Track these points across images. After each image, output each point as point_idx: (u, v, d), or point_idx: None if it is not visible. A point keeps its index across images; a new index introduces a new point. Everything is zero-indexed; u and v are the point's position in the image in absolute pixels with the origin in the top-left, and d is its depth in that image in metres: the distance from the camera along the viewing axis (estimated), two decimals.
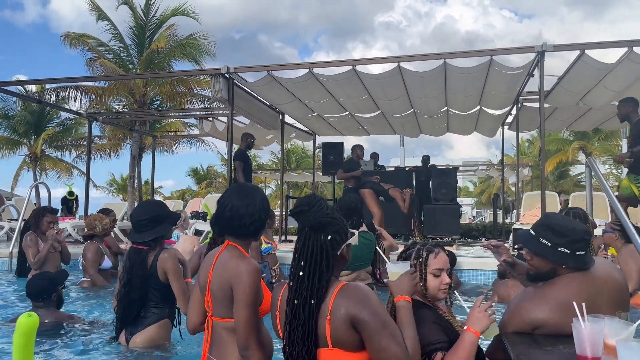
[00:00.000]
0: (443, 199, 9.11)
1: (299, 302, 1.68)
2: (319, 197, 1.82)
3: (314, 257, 1.70)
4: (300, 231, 1.78)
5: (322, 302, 1.66)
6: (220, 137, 12.10)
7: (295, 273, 1.72)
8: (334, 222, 1.76)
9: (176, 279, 2.85)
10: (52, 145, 23.31)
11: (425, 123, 10.59)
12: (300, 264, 1.72)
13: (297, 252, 1.76)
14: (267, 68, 7.53)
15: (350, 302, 1.63)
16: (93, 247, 5.27)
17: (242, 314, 1.82)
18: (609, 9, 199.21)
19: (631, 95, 7.84)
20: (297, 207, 1.77)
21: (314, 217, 1.73)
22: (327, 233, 1.73)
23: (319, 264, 1.70)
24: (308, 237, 1.73)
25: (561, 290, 1.90)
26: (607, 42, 6.55)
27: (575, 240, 1.94)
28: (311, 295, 1.67)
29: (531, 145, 29.48)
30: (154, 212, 2.93)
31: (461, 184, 41.67)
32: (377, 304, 1.67)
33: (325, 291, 1.68)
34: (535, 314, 1.88)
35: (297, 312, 1.67)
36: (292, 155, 33.98)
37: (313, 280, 1.68)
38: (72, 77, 12.17)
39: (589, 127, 11.13)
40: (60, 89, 15.91)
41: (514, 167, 13.92)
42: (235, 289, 1.84)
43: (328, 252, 1.71)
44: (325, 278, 1.69)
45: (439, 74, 7.31)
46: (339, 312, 1.63)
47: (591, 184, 5.45)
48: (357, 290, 1.67)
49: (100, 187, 36.19)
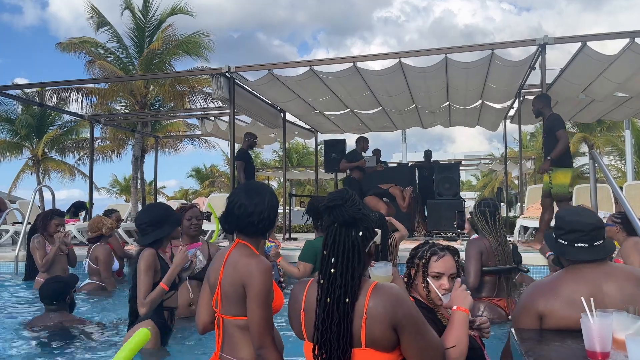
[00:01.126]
0: (446, 194, 9.10)
1: (331, 301, 1.63)
2: (351, 191, 1.78)
3: (345, 254, 1.66)
4: (328, 227, 1.73)
5: (357, 301, 1.63)
6: (223, 136, 12.11)
7: (326, 271, 1.68)
8: (365, 218, 1.73)
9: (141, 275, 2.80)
10: (54, 148, 23.37)
11: (427, 118, 10.58)
12: (331, 261, 1.67)
13: (327, 248, 1.71)
14: (267, 67, 7.52)
15: (388, 302, 1.60)
16: (104, 249, 5.24)
17: (256, 313, 1.83)
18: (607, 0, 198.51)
19: (632, 86, 7.86)
20: (331, 202, 1.72)
21: (347, 212, 1.69)
22: (358, 229, 1.70)
23: (352, 261, 1.66)
24: (339, 233, 1.69)
25: (568, 282, 1.92)
26: (608, 33, 6.53)
27: (571, 231, 1.95)
28: (345, 293, 1.62)
29: (533, 138, 29.38)
30: (153, 215, 2.99)
31: (464, 178, 41.68)
32: (412, 304, 1.67)
33: (358, 289, 1.64)
34: (541, 304, 1.90)
35: (331, 311, 1.62)
36: (293, 153, 33.98)
37: (346, 278, 1.64)
38: (73, 80, 12.20)
39: (592, 118, 11.09)
40: (61, 90, 15.95)
41: (517, 160, 13.90)
42: (249, 288, 1.85)
43: (360, 249, 1.68)
44: (358, 275, 1.66)
45: (440, 69, 7.30)
46: (376, 311, 1.60)
47: (595, 176, 5.43)
48: (394, 290, 1.65)
49: (103, 189, 36.32)
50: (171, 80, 15.70)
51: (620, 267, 1.96)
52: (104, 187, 36.58)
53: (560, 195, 5.95)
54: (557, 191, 5.95)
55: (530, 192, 9.85)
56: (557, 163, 5.98)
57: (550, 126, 6.02)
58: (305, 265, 4.40)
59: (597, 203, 5.47)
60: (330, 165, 10.57)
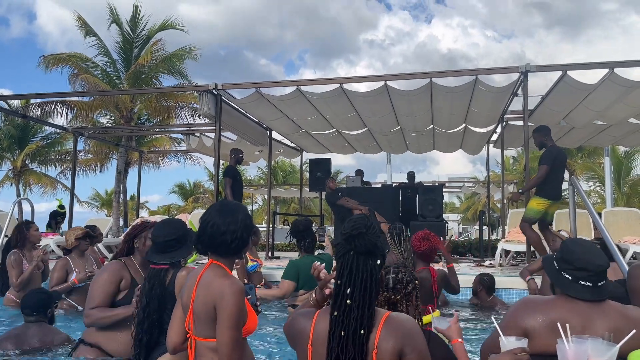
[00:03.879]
0: (429, 216, 9.18)
1: (346, 334, 1.56)
2: (368, 217, 1.75)
3: (363, 284, 1.60)
4: (343, 256, 1.66)
5: (371, 333, 1.57)
6: (208, 153, 12.08)
7: (341, 302, 1.60)
8: (382, 246, 1.69)
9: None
10: (36, 160, 23.06)
11: (411, 140, 10.70)
12: (346, 292, 1.60)
13: (342, 278, 1.63)
14: (255, 85, 7.57)
15: (399, 335, 1.57)
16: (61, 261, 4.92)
17: (226, 334, 1.80)
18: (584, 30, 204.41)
19: (611, 114, 8.05)
20: (355, 229, 1.65)
21: (370, 240, 1.64)
22: (376, 257, 1.65)
23: (369, 290, 1.60)
24: (356, 261, 1.63)
25: (560, 310, 1.90)
26: (588, 63, 6.71)
27: (578, 269, 1.92)
28: (361, 325, 1.56)
29: (516, 162, 29.84)
30: (180, 232, 2.77)
31: (447, 200, 41.94)
32: (422, 337, 1.63)
33: (372, 320, 1.59)
34: (529, 322, 1.89)
35: (345, 345, 1.55)
36: (279, 171, 33.98)
37: (363, 309, 1.57)
38: (58, 93, 12.08)
39: (572, 145, 11.32)
40: (45, 103, 15.80)
41: (500, 183, 14.09)
42: (219, 309, 1.82)
43: (377, 278, 1.64)
44: (374, 306, 1.61)
45: (425, 92, 7.41)
46: (387, 345, 1.56)
47: (575, 202, 5.53)
48: (406, 323, 1.62)
49: (84, 202, 35.80)
50: (157, 95, 15.66)
51: (615, 305, 1.93)
52: (85, 200, 36.08)
53: (526, 218, 6.14)
54: (526, 213, 6.17)
55: (512, 215, 9.95)
56: (540, 193, 6.14)
57: (541, 158, 6.19)
58: (288, 283, 4.38)
59: (576, 229, 5.56)
60: (315, 184, 10.60)
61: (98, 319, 2.65)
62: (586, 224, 8.12)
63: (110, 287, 2.74)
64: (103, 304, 2.70)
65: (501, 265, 7.52)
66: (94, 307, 2.71)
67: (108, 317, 2.65)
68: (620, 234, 7.59)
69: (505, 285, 5.47)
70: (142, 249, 3.02)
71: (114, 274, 2.77)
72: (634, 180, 23.65)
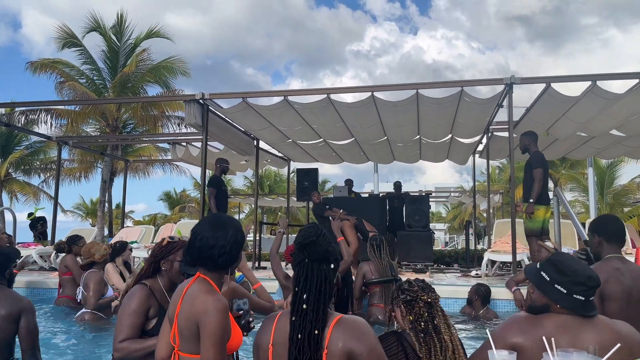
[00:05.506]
0: (416, 226, 9.20)
1: (302, 337, 1.64)
2: (319, 225, 1.81)
3: (318, 288, 1.68)
4: (299, 264, 1.74)
5: (323, 333, 1.64)
6: (194, 162, 12.02)
7: (298, 307, 1.68)
8: (334, 251, 1.76)
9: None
10: (20, 169, 22.74)
11: (398, 150, 10.76)
12: (303, 298, 1.69)
13: (299, 285, 1.71)
14: (242, 95, 7.57)
15: (348, 336, 1.62)
16: (95, 275, 4.92)
17: (210, 351, 1.76)
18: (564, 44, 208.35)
19: (594, 126, 8.18)
20: (307, 238, 1.74)
21: (321, 247, 1.72)
22: (329, 262, 1.72)
23: (324, 294, 1.68)
24: (311, 268, 1.71)
25: (548, 326, 1.89)
26: (571, 76, 6.82)
27: (576, 282, 1.91)
28: (315, 326, 1.64)
29: (502, 172, 30.15)
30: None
31: (434, 209, 42.19)
32: (374, 339, 1.67)
33: (325, 321, 1.66)
34: (517, 339, 1.89)
35: (302, 347, 1.63)
36: (265, 180, 33.90)
37: (318, 312, 1.66)
38: (44, 101, 11.94)
39: (555, 156, 11.46)
40: (29, 112, 15.60)
41: (485, 193, 14.20)
42: (202, 326, 1.78)
43: (331, 281, 1.71)
44: (327, 307, 1.68)
45: (411, 103, 7.47)
46: (336, 346, 1.61)
47: (559, 213, 5.60)
48: (355, 324, 1.66)
49: (69, 212, 35.34)
50: (144, 104, 15.57)
51: (604, 320, 1.93)
52: (69, 209, 35.62)
53: (533, 230, 6.05)
54: (532, 226, 6.07)
55: (497, 225, 10.05)
56: (537, 200, 6.09)
57: (530, 163, 6.23)
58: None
59: (560, 239, 5.63)
60: (302, 193, 10.59)
61: (130, 352, 2.49)
62: (570, 234, 8.21)
63: (139, 319, 2.58)
64: (133, 336, 2.53)
65: (487, 275, 7.57)
66: (124, 339, 2.53)
67: (140, 349, 2.49)
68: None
69: (491, 296, 5.50)
70: (171, 272, 2.73)
71: (142, 304, 2.59)
72: (617, 191, 23.99)
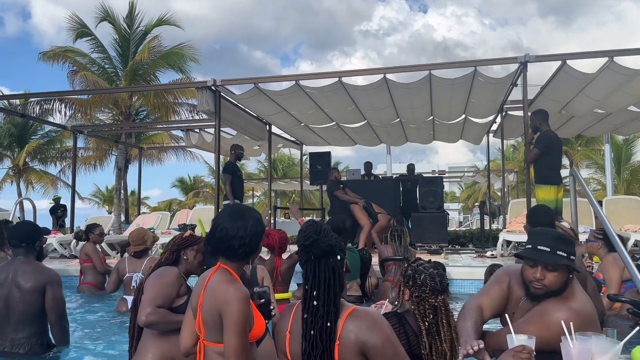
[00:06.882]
0: (430, 207, 9.16)
1: (315, 332, 1.65)
2: (318, 221, 1.82)
3: (327, 282, 1.70)
4: (306, 262, 1.76)
5: (336, 325, 1.66)
6: (208, 148, 12.07)
7: (309, 304, 1.71)
8: (338, 242, 1.77)
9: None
10: (36, 158, 23.05)
11: (411, 132, 10.68)
12: (313, 294, 1.71)
13: (309, 282, 1.73)
14: (253, 80, 7.54)
15: (361, 327, 1.63)
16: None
17: (232, 342, 1.79)
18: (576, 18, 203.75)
19: (611, 103, 8.03)
20: (307, 239, 1.74)
21: (324, 243, 1.73)
22: (336, 254, 1.74)
23: (333, 287, 1.70)
24: (318, 265, 1.73)
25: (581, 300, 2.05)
26: (588, 52, 6.67)
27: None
28: (328, 319, 1.66)
29: (516, 151, 29.79)
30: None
31: (448, 189, 41.99)
32: (389, 330, 1.67)
33: (337, 313, 1.68)
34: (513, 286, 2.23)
35: (315, 342, 1.65)
36: (278, 164, 33.95)
37: (329, 306, 1.67)
38: (57, 92, 12.05)
39: (571, 134, 11.30)
40: (44, 101, 15.76)
41: (500, 172, 14.08)
42: (224, 316, 1.81)
43: (340, 272, 1.72)
44: (339, 299, 1.70)
45: (424, 84, 7.39)
46: (348, 337, 1.62)
47: (575, 192, 5.53)
48: (368, 315, 1.67)
49: (86, 199, 35.82)
50: (156, 92, 15.62)
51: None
52: (86, 197, 36.10)
53: None
54: None
55: (512, 205, 9.97)
56: (540, 180, 6.12)
57: (537, 142, 6.17)
58: None
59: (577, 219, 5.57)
60: (315, 177, 10.60)
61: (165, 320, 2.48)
62: (587, 213, 8.13)
63: (173, 290, 2.62)
64: (166, 306, 2.55)
65: (502, 256, 7.55)
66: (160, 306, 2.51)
67: (172, 322, 2.46)
68: (621, 222, 7.60)
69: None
70: (192, 262, 2.82)
71: (178, 278, 2.65)
72: (634, 167, 23.64)
